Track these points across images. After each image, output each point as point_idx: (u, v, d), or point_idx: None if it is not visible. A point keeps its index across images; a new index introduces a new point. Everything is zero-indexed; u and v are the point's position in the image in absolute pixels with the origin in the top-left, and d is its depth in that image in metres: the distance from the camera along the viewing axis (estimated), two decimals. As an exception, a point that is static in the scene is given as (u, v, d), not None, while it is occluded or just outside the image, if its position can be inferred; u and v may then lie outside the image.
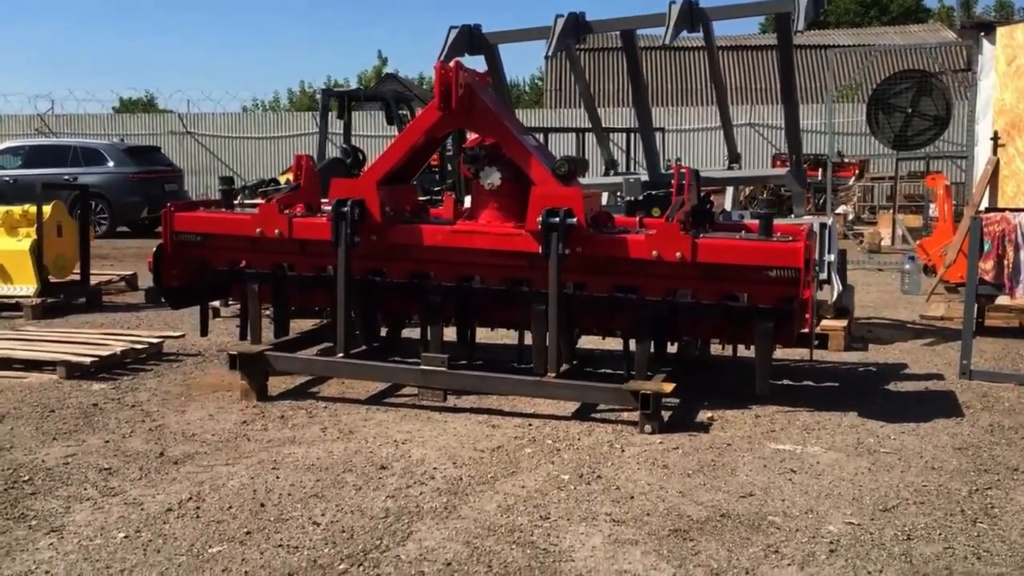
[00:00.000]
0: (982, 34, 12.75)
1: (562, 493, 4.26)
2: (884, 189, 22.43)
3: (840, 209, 18.54)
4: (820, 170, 17.67)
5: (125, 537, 3.76)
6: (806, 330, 5.62)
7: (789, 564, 3.54)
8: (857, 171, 21.10)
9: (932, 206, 16.39)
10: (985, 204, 10.45)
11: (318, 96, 18.59)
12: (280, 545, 3.69)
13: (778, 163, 20.72)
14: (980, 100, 12.77)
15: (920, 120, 13.24)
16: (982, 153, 12.04)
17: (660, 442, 5.02)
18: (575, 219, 5.39)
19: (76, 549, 3.65)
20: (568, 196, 5.47)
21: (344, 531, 3.82)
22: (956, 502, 4.19)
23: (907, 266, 11.12)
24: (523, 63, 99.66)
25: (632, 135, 18.96)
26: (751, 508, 4.09)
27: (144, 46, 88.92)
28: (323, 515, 3.99)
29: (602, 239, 5.57)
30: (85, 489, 4.30)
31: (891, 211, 17.71)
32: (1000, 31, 11.41)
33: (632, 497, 4.21)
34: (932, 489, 4.35)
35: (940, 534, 3.83)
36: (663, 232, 5.39)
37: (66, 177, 16.63)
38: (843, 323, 7.63)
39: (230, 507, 4.07)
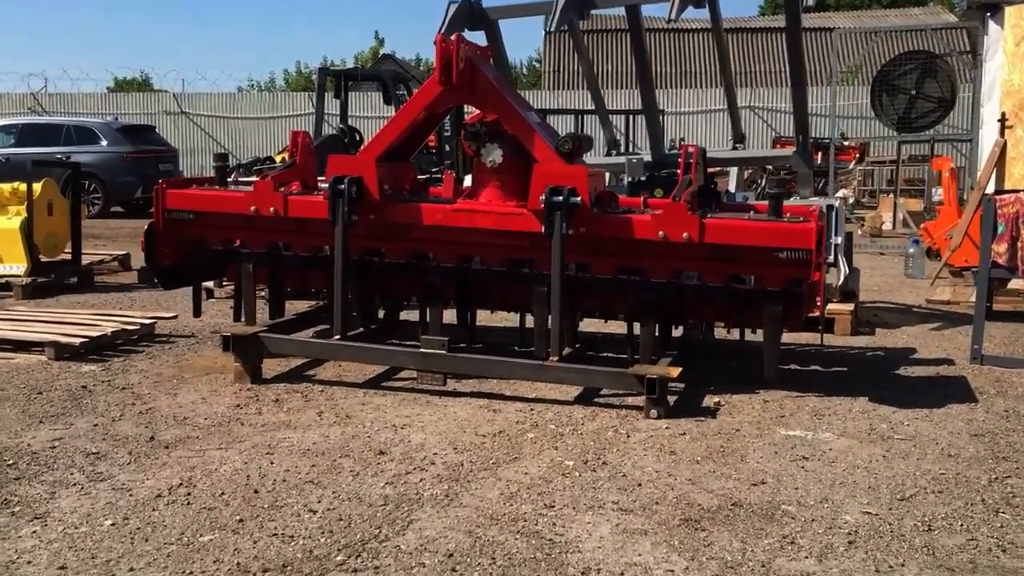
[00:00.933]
0: (987, 15, 12.58)
1: (567, 480, 4.11)
2: (884, 173, 22.27)
3: (840, 193, 18.37)
4: (820, 153, 17.50)
5: (112, 525, 3.60)
6: (815, 314, 5.48)
7: (807, 556, 3.39)
8: (857, 155, 20.93)
9: (935, 190, 16.25)
10: (991, 187, 10.31)
11: (314, 76, 18.35)
12: (274, 534, 3.53)
13: (778, 146, 20.59)
14: (985, 82, 12.60)
15: (924, 102, 13.07)
16: (987, 135, 11.88)
17: (666, 427, 4.87)
18: (579, 198, 5.22)
19: (61, 537, 3.49)
20: (572, 174, 5.30)
21: (341, 519, 3.67)
22: (976, 491, 4.04)
23: (911, 250, 10.99)
24: (520, 45, 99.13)
25: (631, 117, 18.76)
26: (764, 497, 3.94)
27: (139, 25, 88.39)
28: (319, 502, 3.83)
29: (607, 219, 5.41)
30: (72, 474, 4.13)
31: (891, 195, 17.54)
32: (1008, 11, 11.23)
33: (640, 485, 4.06)
34: (950, 477, 4.20)
35: (962, 525, 3.68)
36: (670, 212, 5.23)
37: (59, 156, 16.39)
38: (849, 307, 7.49)
39: (222, 493, 3.91)
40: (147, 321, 6.99)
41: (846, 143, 20.07)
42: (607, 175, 7.65)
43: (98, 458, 4.34)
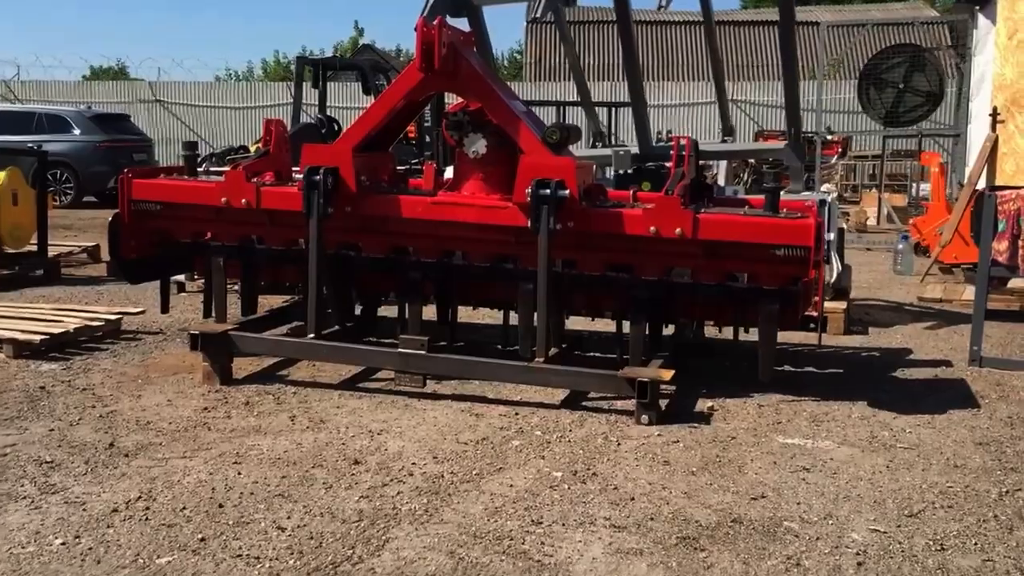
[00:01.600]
0: (976, 8, 12.40)
1: (555, 493, 3.85)
2: (866, 168, 22.14)
3: (823, 188, 18.21)
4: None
5: (62, 544, 3.31)
6: (813, 312, 5.27)
7: (814, 580, 3.15)
8: (840, 149, 20.80)
9: (923, 185, 16.10)
10: (982, 183, 10.11)
11: (293, 66, 18.00)
12: (238, 555, 3.25)
13: (760, 140, 20.41)
14: (975, 76, 12.42)
15: (912, 96, 12.87)
16: (976, 130, 11.70)
17: (658, 434, 4.62)
18: (567, 191, 4.96)
19: (5, 558, 3.19)
20: (560, 166, 5.04)
21: (312, 538, 3.39)
22: (987, 506, 3.81)
23: (900, 246, 10.80)
24: (501, 36, 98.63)
25: (612, 110, 18.52)
26: (764, 512, 3.70)
27: (115, 13, 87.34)
28: (289, 518, 3.56)
29: (596, 213, 5.15)
30: (22, 485, 3.84)
31: (874, 190, 17.39)
32: (1000, 3, 11.03)
33: (633, 498, 3.80)
34: (959, 491, 3.97)
35: (976, 544, 3.45)
36: (662, 206, 4.98)
37: (30, 144, 15.97)
38: (842, 305, 7.27)
39: (184, 508, 3.63)
40: (112, 317, 6.66)
41: (830, 138, 19.93)
42: (594, 167, 7.41)
43: (52, 467, 4.05)
